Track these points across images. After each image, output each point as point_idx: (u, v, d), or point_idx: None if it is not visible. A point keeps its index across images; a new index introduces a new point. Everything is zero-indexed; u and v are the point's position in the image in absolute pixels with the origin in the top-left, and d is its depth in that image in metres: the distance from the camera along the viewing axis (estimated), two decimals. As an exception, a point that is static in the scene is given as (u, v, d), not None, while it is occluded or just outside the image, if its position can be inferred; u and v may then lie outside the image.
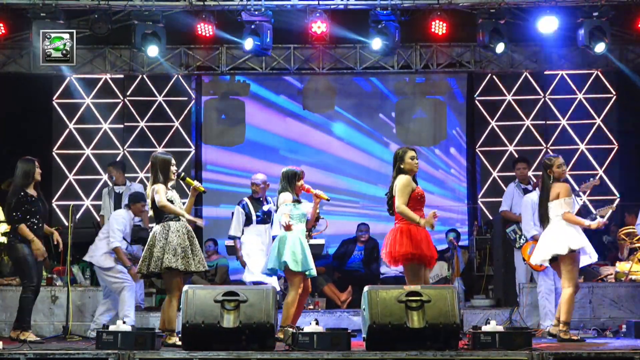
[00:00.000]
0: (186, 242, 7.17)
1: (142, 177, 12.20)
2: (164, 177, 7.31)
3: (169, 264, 6.99)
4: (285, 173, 7.62)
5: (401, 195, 6.99)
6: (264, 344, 6.29)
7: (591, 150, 12.64)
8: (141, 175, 12.29)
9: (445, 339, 6.21)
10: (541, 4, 10.16)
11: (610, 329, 8.67)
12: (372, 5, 10.23)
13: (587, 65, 12.19)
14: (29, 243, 7.64)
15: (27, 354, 6.16)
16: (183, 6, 10.17)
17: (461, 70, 12.62)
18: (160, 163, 7.35)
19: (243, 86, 12.86)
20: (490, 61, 11.86)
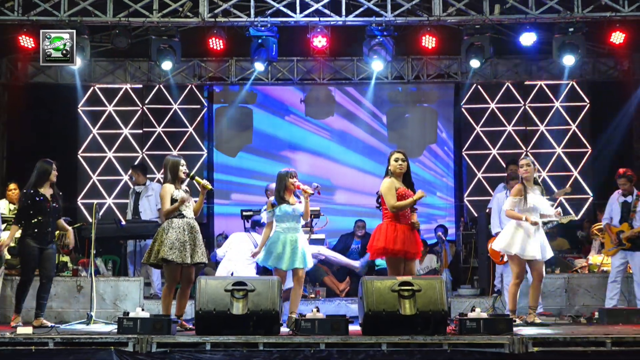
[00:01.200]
0: (185, 237, 7.16)
1: (159, 177, 12.19)
2: (172, 177, 7.37)
3: (164, 255, 7.02)
4: (279, 175, 7.59)
5: (391, 198, 7.01)
6: (269, 329, 6.30)
7: (567, 154, 12.64)
8: (158, 175, 12.29)
9: (434, 324, 6.23)
10: (522, 20, 10.15)
11: (584, 315, 8.65)
12: (368, 21, 10.22)
13: (563, 76, 12.18)
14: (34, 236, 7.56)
15: (54, 339, 6.17)
16: (196, 22, 10.16)
17: (449, 80, 12.65)
18: (170, 165, 7.43)
19: (251, 95, 12.87)
20: (475, 72, 11.86)
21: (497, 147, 12.65)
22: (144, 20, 10.12)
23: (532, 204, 7.45)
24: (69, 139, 12.51)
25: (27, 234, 7.57)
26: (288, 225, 7.37)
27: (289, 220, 7.37)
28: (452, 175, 12.79)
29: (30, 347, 6.08)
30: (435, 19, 10.01)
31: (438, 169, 12.75)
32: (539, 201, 7.51)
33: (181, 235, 7.13)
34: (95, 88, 12.66)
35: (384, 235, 6.99)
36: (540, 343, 6.03)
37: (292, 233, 7.36)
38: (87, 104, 12.67)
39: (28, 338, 6.20)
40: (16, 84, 12.31)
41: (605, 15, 9.94)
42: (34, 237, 7.55)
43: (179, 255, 7.06)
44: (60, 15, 9.86)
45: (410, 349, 6.02)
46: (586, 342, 6.05)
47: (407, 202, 6.99)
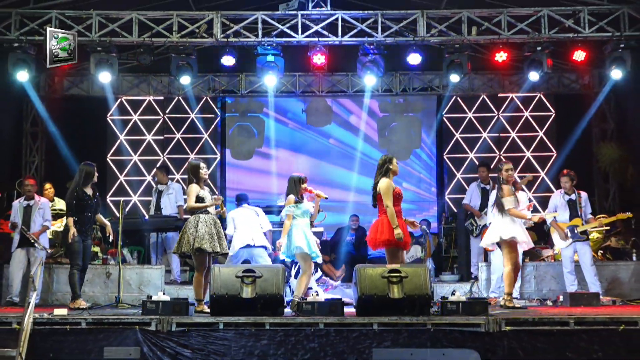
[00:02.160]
0: (213, 229, 7.20)
1: (178, 178, 12.20)
2: (196, 178, 7.39)
3: (199, 245, 7.02)
4: (291, 179, 7.59)
5: (388, 197, 6.99)
6: (275, 311, 6.32)
7: (535, 157, 12.64)
8: (177, 176, 12.29)
9: (419, 307, 6.25)
10: (495, 40, 10.16)
11: (550, 299, 8.67)
12: (361, 41, 10.23)
13: (532, 89, 12.19)
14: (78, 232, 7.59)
15: (87, 319, 6.19)
16: (210, 42, 10.16)
17: (432, 93, 12.65)
18: (191, 168, 7.48)
19: (258, 105, 12.86)
20: (455, 86, 11.86)
21: (474, 152, 12.65)
22: (165, 40, 10.12)
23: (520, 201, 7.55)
24: (99, 144, 12.50)
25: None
26: (305, 222, 7.39)
27: (304, 217, 7.40)
28: (434, 176, 12.78)
29: (65, 327, 6.10)
30: (420, 39, 10.03)
31: (422, 170, 12.74)
32: (521, 199, 7.60)
33: (209, 229, 7.17)
34: (122, 99, 12.66)
35: (387, 229, 6.96)
36: (512, 323, 6.05)
37: (307, 229, 7.37)
38: (115, 113, 12.66)
39: (63, 318, 6.23)
40: (53, 96, 12.32)
41: (569, 36, 9.97)
42: (78, 231, 7.59)
43: (210, 245, 7.10)
44: (92, 36, 9.86)
45: (398, 328, 6.04)
46: (552, 322, 6.08)
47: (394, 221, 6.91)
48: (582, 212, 8.66)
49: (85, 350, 6.01)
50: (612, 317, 6.12)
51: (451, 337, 5.99)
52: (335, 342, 5.97)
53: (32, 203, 8.58)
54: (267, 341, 5.99)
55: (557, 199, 8.82)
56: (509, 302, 7.36)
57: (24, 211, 8.51)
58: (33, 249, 8.43)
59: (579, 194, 8.77)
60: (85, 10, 9.94)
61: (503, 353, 5.92)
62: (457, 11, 10.05)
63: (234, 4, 10.66)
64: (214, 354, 5.97)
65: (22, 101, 11.96)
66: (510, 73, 12.16)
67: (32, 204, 8.58)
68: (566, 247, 8.65)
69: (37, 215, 8.52)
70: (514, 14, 9.98)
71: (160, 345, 5.99)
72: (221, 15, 10.05)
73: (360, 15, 10.09)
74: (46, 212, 8.67)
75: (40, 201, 8.66)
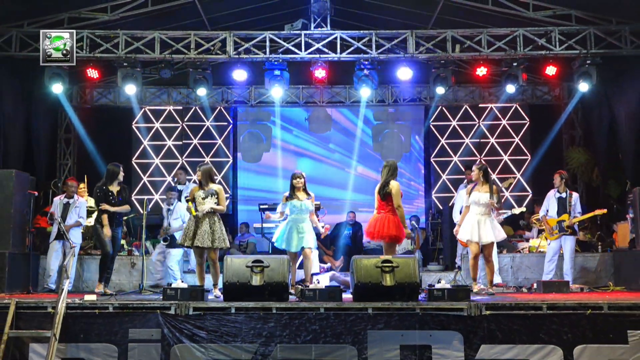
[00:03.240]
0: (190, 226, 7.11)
1: (195, 179, 12.14)
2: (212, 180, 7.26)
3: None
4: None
5: (399, 198, 7.11)
6: (281, 297, 6.30)
7: (511, 160, 12.61)
8: (194, 177, 12.22)
9: (409, 293, 6.22)
10: (476, 57, 10.15)
11: (526, 286, 8.66)
12: (357, 58, 10.22)
13: (509, 100, 12.18)
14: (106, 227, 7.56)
15: (113, 304, 6.17)
16: (224, 58, 10.16)
17: (420, 103, 12.63)
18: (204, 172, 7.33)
19: (266, 114, 12.84)
20: (440, 97, 11.85)
21: (458, 155, 12.62)
22: (183, 56, 10.12)
23: (475, 198, 7.42)
24: (125, 149, 12.49)
25: (100, 224, 7.54)
26: (295, 217, 7.34)
27: (296, 212, 7.33)
28: (422, 177, 12.75)
29: (94, 311, 6.09)
30: (410, 56, 10.02)
31: (412, 172, 12.72)
32: (479, 196, 7.43)
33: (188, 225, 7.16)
34: (146, 109, 12.65)
35: (394, 225, 7.04)
36: (491, 307, 6.03)
37: (299, 223, 7.32)
38: (139, 121, 12.64)
39: (93, 303, 6.21)
40: (84, 106, 12.33)
41: (541, 53, 9.96)
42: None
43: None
44: (119, 52, 9.85)
45: (390, 312, 6.02)
46: (527, 307, 6.06)
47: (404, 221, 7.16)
48: (572, 209, 8.59)
49: (112, 331, 6.00)
50: (580, 302, 6.11)
51: (437, 320, 5.97)
52: (334, 325, 5.96)
53: (71, 201, 8.57)
54: (273, 324, 5.98)
55: (550, 196, 8.79)
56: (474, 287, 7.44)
57: (63, 207, 8.50)
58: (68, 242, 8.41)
59: (570, 194, 8.69)
60: (113, 30, 9.93)
61: (483, 334, 5.90)
62: (442, 31, 10.05)
63: (245, 24, 10.67)
64: (227, 335, 5.95)
65: (57, 111, 12.00)
66: (490, 86, 12.16)
67: (71, 202, 8.56)
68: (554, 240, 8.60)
69: (73, 212, 8.51)
70: (493, 33, 9.96)
71: (178, 327, 5.98)
72: (233, 35, 10.04)
73: (357, 35, 10.08)
74: (82, 210, 8.64)
75: (78, 200, 8.65)
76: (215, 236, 6.92)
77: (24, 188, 8.51)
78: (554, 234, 8.57)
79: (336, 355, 5.88)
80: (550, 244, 8.66)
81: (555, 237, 8.57)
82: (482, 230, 7.34)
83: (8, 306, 6.00)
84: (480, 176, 7.50)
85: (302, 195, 7.38)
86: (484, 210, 7.40)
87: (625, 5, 9.28)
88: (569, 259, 8.52)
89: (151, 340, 5.95)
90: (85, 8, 9.92)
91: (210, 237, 6.89)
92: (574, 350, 5.84)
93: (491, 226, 7.38)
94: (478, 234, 7.33)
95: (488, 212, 7.43)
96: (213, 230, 6.93)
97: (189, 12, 10.31)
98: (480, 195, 7.40)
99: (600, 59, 9.92)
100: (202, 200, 7.01)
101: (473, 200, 7.42)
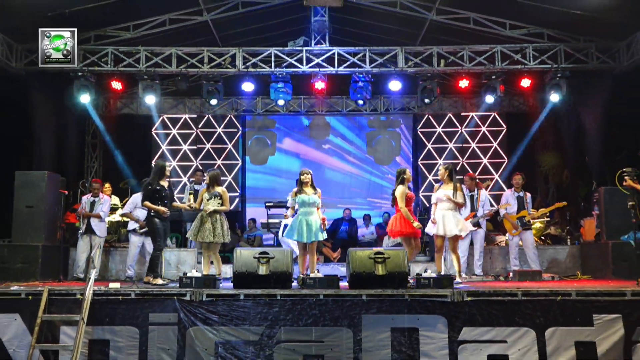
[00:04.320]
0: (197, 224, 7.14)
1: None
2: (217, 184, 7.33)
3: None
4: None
5: (402, 201, 7.17)
6: (284, 284, 6.29)
7: (490, 163, 12.61)
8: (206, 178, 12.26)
9: (398, 281, 6.22)
10: (459, 71, 10.16)
11: (502, 275, 8.66)
12: (353, 71, 10.24)
13: (488, 109, 12.19)
14: (159, 217, 7.22)
15: (135, 291, 6.16)
16: (234, 72, 10.17)
17: (409, 112, 12.63)
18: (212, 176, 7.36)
19: (271, 122, 12.84)
20: (427, 106, 11.85)
21: (442, 158, 12.62)
22: (197, 70, 10.13)
23: (440, 195, 7.33)
24: (145, 153, 12.49)
25: (153, 214, 7.27)
26: (304, 210, 7.20)
27: (304, 206, 7.16)
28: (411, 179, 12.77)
29: (118, 297, 6.09)
30: (400, 70, 10.03)
31: (401, 173, 12.71)
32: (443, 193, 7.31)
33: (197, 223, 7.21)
34: (164, 117, 12.63)
35: (408, 224, 7.17)
36: (472, 294, 6.03)
37: (308, 216, 7.12)
38: (158, 128, 12.63)
39: (117, 290, 6.21)
40: (108, 114, 12.31)
41: (517, 67, 9.97)
42: (158, 217, 7.27)
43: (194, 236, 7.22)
44: (140, 67, 9.87)
45: (381, 298, 6.02)
46: (504, 294, 6.06)
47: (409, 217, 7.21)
48: (528, 206, 8.65)
49: (134, 315, 6.00)
50: (552, 289, 6.11)
51: (424, 306, 5.97)
52: (332, 310, 5.96)
53: (97, 199, 8.57)
54: (278, 309, 5.98)
55: (508, 195, 8.81)
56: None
57: (90, 205, 8.52)
58: (94, 235, 8.43)
59: (525, 193, 8.76)
60: (135, 47, 9.94)
61: (465, 318, 5.91)
62: (428, 47, 10.06)
63: (252, 41, 10.68)
64: (236, 318, 5.96)
65: (85, 119, 11.99)
66: (471, 96, 12.16)
67: (96, 200, 8.56)
68: (515, 236, 8.62)
69: (99, 209, 8.53)
70: (474, 50, 9.98)
71: (193, 311, 5.98)
72: (242, 51, 10.05)
73: (352, 51, 10.09)
74: (105, 206, 8.63)
75: (102, 198, 8.64)
76: (216, 232, 7.05)
77: (55, 188, 8.51)
78: (517, 229, 8.57)
79: (334, 337, 5.88)
80: (513, 239, 8.64)
81: (518, 232, 8.57)
82: (447, 224, 7.23)
83: (41, 293, 6.00)
84: (446, 175, 7.37)
85: (310, 190, 7.29)
86: (448, 206, 7.27)
87: (591, 25, 9.32)
88: (531, 249, 8.50)
89: (169, 324, 5.94)
90: (110, 27, 9.94)
91: (212, 233, 7.03)
92: (546, 332, 5.85)
93: (455, 221, 7.24)
94: (443, 228, 7.23)
95: (453, 208, 7.29)
96: (214, 227, 7.05)
97: (203, 30, 10.32)
98: (445, 192, 7.29)
99: (570, 72, 9.95)
100: (207, 202, 7.16)
101: (438, 197, 7.33)
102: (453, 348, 5.81)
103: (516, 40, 9.98)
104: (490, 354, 5.82)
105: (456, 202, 7.27)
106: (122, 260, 8.86)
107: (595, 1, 8.50)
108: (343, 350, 5.82)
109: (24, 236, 8.06)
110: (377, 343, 5.83)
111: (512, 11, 9.49)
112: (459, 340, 5.84)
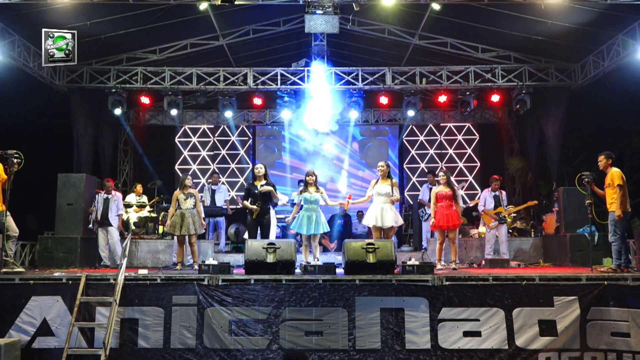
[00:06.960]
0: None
1: (223, 180, 12.17)
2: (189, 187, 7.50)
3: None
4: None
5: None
6: (289, 271, 6.26)
7: (465, 167, 12.60)
8: (223, 179, 12.27)
9: (387, 268, 6.19)
10: (438, 87, 10.16)
11: (476, 263, 8.64)
12: (347, 88, 10.25)
13: (463, 120, 12.19)
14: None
15: (160, 276, 6.13)
16: (245, 88, 10.18)
17: (395, 123, 12.61)
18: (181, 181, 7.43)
19: (278, 131, 12.81)
20: (411, 118, 11.84)
21: (424, 162, 12.62)
22: (214, 87, 10.12)
23: (378, 190, 7.10)
24: (169, 158, 12.48)
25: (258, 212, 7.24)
26: (308, 207, 7.17)
27: (308, 203, 7.15)
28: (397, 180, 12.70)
29: (146, 282, 6.05)
30: (387, 87, 10.04)
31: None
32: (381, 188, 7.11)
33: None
34: (186, 127, 12.61)
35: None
36: (450, 279, 6.01)
37: (311, 212, 7.10)
38: (180, 136, 12.63)
39: (145, 276, 6.17)
40: (138, 125, 12.30)
41: (488, 85, 9.98)
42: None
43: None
44: (165, 84, 9.86)
45: (372, 283, 5.99)
46: (477, 279, 6.03)
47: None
48: (503, 203, 8.59)
49: (160, 297, 5.97)
50: (518, 275, 6.09)
51: (409, 289, 5.95)
52: (329, 292, 5.94)
53: (110, 196, 8.32)
54: (283, 292, 5.95)
55: (486, 194, 8.76)
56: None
57: (104, 202, 8.28)
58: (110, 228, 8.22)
59: (501, 192, 8.67)
60: (161, 67, 9.93)
61: (444, 300, 5.89)
62: (412, 67, 10.07)
63: (261, 62, 10.69)
64: (247, 300, 5.93)
65: (118, 128, 11.99)
66: (449, 109, 12.16)
67: (110, 197, 8.31)
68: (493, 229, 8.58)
69: (112, 205, 8.26)
70: (451, 70, 9.99)
71: (210, 294, 5.96)
72: (253, 70, 10.05)
73: (347, 70, 10.10)
74: (119, 203, 8.38)
75: (115, 195, 8.39)
76: (196, 225, 7.36)
77: (92, 188, 8.47)
78: (494, 223, 8.55)
79: (331, 316, 5.86)
80: (490, 232, 8.63)
81: (494, 225, 8.55)
82: (384, 216, 7.02)
83: (80, 278, 5.97)
84: (385, 173, 7.18)
85: (313, 190, 7.26)
86: (384, 200, 7.06)
87: (551, 49, 9.34)
88: (504, 242, 8.49)
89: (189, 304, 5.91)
90: (140, 50, 9.93)
91: (193, 227, 7.29)
92: (513, 312, 5.82)
93: (392, 213, 7.04)
94: (381, 220, 7.01)
95: (389, 202, 7.08)
96: (194, 221, 7.34)
97: (219, 53, 10.32)
98: (382, 188, 7.09)
99: (533, 89, 9.96)
100: (184, 201, 7.40)
101: (377, 192, 7.08)
102: (434, 325, 5.79)
103: (487, 61, 9.98)
104: (465, 331, 5.81)
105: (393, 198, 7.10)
106: (149, 250, 8.82)
107: (553, 28, 8.52)
108: (339, 328, 5.80)
109: (65, 229, 8.03)
110: (368, 321, 5.81)
111: (484, 37, 9.50)
112: (439, 318, 5.82)
